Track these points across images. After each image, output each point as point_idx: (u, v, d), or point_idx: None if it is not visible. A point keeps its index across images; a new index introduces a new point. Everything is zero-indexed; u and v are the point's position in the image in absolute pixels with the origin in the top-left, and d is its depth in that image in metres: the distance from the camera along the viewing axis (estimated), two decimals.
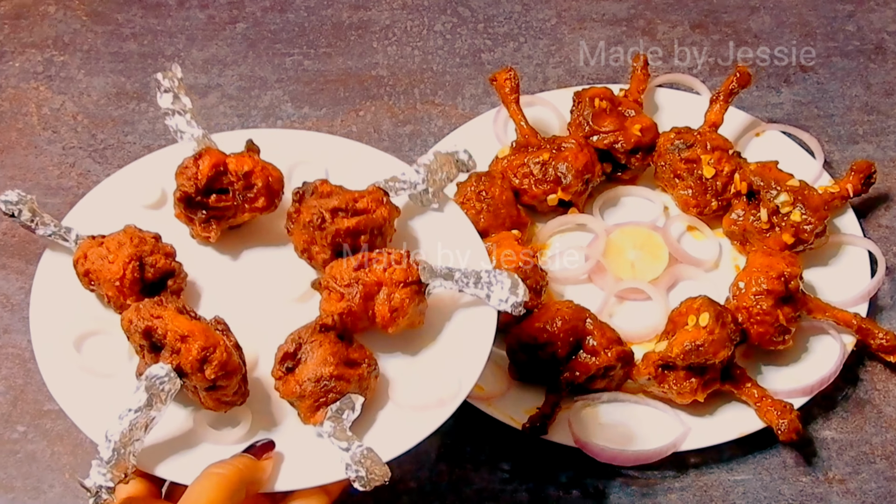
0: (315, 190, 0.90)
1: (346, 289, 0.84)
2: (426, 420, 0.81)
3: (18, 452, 1.04)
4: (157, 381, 0.76)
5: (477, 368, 0.83)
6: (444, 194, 0.94)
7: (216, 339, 0.77)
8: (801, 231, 1.09)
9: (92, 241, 0.86)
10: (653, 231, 1.15)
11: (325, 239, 0.87)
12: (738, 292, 1.04)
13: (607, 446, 0.99)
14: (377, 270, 0.84)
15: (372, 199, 0.89)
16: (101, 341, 0.84)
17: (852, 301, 1.09)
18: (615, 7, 1.41)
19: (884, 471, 1.01)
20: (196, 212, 0.89)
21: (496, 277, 0.85)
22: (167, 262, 0.86)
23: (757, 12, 1.40)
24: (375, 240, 0.88)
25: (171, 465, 0.78)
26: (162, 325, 0.77)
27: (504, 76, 1.21)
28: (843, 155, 1.25)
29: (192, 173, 0.88)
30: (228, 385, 0.78)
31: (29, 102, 1.32)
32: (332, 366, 0.79)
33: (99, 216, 0.90)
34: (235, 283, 0.90)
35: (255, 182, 0.89)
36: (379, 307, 0.84)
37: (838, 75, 1.33)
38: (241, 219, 0.90)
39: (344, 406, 0.79)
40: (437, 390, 0.82)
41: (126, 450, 0.74)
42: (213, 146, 0.92)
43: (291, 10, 1.42)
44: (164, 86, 0.94)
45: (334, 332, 0.82)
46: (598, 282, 1.12)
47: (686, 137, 1.16)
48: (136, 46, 1.38)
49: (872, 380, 1.07)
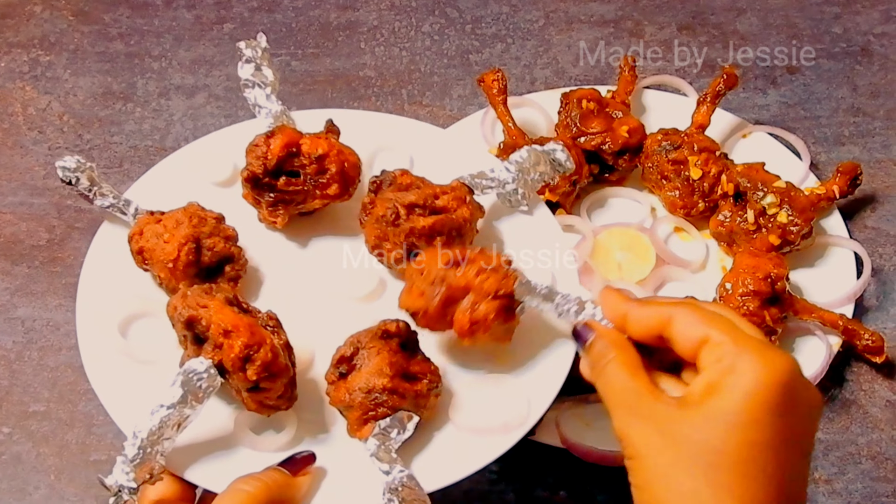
0: (394, 180, 0.83)
1: (429, 286, 0.75)
2: (486, 447, 0.74)
3: (3, 454, 1.04)
4: (194, 376, 0.70)
5: (550, 396, 0.76)
6: (536, 196, 0.87)
7: (262, 336, 0.71)
8: (787, 232, 1.09)
9: (150, 217, 0.81)
10: (640, 232, 1.15)
11: (397, 237, 0.80)
12: (725, 293, 1.04)
13: (595, 447, 0.99)
14: (469, 273, 0.75)
15: (454, 196, 0.82)
16: (149, 325, 0.79)
17: (838, 302, 1.09)
18: (603, 8, 1.41)
19: (869, 471, 1.02)
20: (263, 194, 0.83)
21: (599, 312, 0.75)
22: (226, 247, 0.81)
23: (744, 14, 1.40)
24: (453, 241, 0.80)
25: (203, 470, 0.72)
26: (206, 316, 0.70)
27: (492, 77, 1.20)
28: (829, 156, 1.25)
29: (262, 152, 0.82)
30: (272, 388, 0.72)
31: (14, 102, 1.32)
32: (386, 377, 0.72)
33: (165, 190, 0.85)
34: (300, 274, 0.84)
35: (329, 167, 0.82)
36: (459, 315, 0.75)
37: (825, 77, 1.33)
38: (311, 205, 0.84)
39: (394, 424, 0.72)
40: (503, 415, 0.75)
41: (154, 449, 0.68)
42: (290, 124, 0.85)
43: (279, 11, 1.42)
44: (246, 55, 0.89)
45: (397, 340, 0.75)
46: (585, 283, 1.12)
47: (673, 139, 1.16)
48: (122, 46, 1.38)
49: (858, 380, 1.08)
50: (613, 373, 0.68)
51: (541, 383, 0.78)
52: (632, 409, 0.66)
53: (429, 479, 0.71)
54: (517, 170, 0.86)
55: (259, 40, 0.90)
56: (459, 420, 0.76)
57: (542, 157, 0.87)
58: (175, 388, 0.70)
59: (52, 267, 1.16)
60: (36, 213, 1.21)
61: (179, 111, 1.30)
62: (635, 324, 0.70)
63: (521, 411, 0.76)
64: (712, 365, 0.64)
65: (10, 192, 1.23)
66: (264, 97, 0.88)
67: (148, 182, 0.86)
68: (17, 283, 1.15)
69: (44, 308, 1.13)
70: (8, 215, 1.21)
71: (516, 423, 0.75)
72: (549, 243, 0.85)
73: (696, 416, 0.63)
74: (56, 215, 1.20)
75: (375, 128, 0.90)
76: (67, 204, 1.21)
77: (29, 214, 1.21)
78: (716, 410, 0.63)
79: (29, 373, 1.08)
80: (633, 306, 0.70)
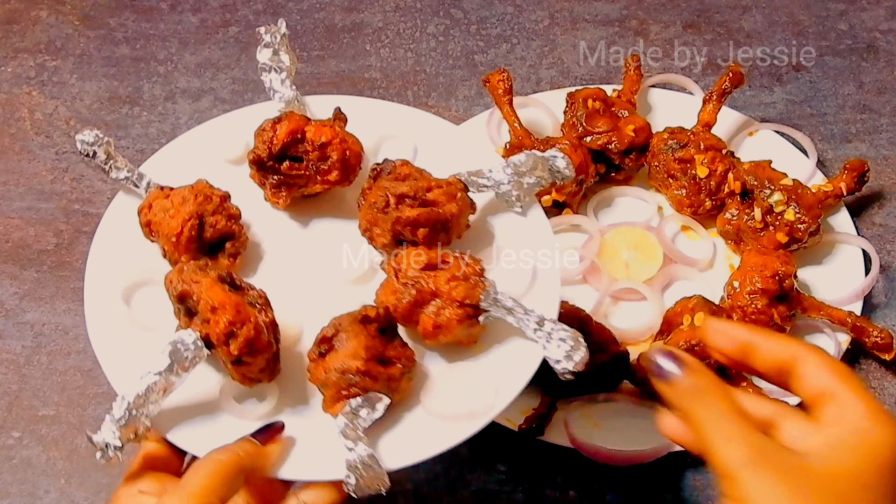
0: (393, 170, 0.86)
1: (401, 285, 0.80)
2: (451, 432, 0.77)
3: (14, 458, 1.04)
4: (181, 346, 0.74)
5: (517, 387, 0.79)
6: (533, 198, 0.89)
7: (247, 314, 0.75)
8: (794, 230, 1.09)
9: (160, 192, 0.85)
10: (647, 231, 1.15)
11: (386, 223, 0.84)
12: (733, 291, 1.04)
13: (603, 447, 0.99)
14: (440, 279, 0.79)
15: (445, 191, 0.84)
16: (152, 293, 0.82)
17: (846, 299, 1.09)
18: (608, 8, 1.41)
19: None
20: (268, 176, 0.87)
21: (558, 333, 0.78)
22: (228, 224, 0.85)
23: (749, 12, 1.40)
24: (438, 234, 0.83)
25: (186, 433, 0.77)
26: (197, 292, 0.75)
27: (497, 78, 1.21)
28: (836, 153, 1.25)
29: (269, 137, 0.85)
30: (254, 362, 0.76)
31: (21, 107, 1.32)
32: (361, 360, 0.76)
33: (180, 166, 0.88)
34: (298, 254, 0.87)
35: (331, 154, 0.86)
36: (425, 318, 0.80)
37: (831, 74, 1.33)
38: (312, 189, 0.87)
39: (364, 404, 0.76)
40: (470, 402, 0.78)
41: (140, 411, 0.73)
42: (301, 111, 0.89)
43: (284, 14, 1.42)
44: (266, 40, 0.92)
45: (376, 325, 0.78)
46: (592, 282, 1.12)
47: (679, 137, 1.16)
48: (128, 51, 1.38)
49: (867, 378, 1.08)
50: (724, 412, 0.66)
51: (509, 375, 0.80)
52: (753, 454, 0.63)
53: (392, 458, 0.76)
54: (514, 172, 0.87)
55: (279, 26, 0.93)
56: (429, 404, 0.79)
57: (542, 163, 0.88)
58: (164, 356, 0.74)
59: (60, 271, 1.16)
60: (44, 217, 1.21)
61: (185, 114, 1.31)
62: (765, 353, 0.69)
63: (488, 400, 0.78)
64: (841, 423, 0.64)
65: (17, 197, 1.23)
66: (279, 82, 0.91)
67: (163, 157, 0.90)
68: (26, 288, 1.15)
69: (52, 312, 1.13)
70: (16, 220, 1.21)
71: (482, 411, 0.78)
72: (536, 244, 0.87)
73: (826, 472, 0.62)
74: (64, 220, 1.20)
75: (384, 116, 0.93)
76: (75, 208, 1.21)
77: (37, 219, 1.21)
78: (847, 471, 0.62)
79: (38, 377, 1.09)
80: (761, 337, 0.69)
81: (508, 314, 0.80)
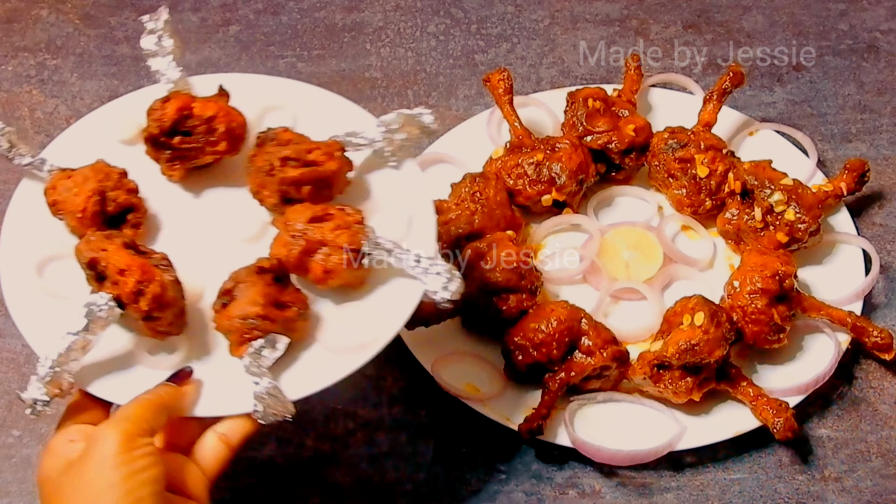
0: (276, 137, 0.93)
1: (291, 237, 0.88)
2: (346, 362, 0.86)
3: (14, 457, 1.04)
4: (95, 307, 0.82)
5: (400, 321, 0.87)
6: (407, 153, 0.96)
7: (152, 273, 0.83)
8: (795, 230, 1.09)
9: (62, 174, 0.92)
10: (647, 231, 1.15)
11: (273, 185, 0.91)
12: (733, 291, 1.04)
13: (603, 446, 1.00)
14: (326, 229, 0.88)
15: (324, 151, 0.92)
16: (63, 266, 0.89)
17: (847, 299, 1.09)
18: (608, 7, 1.41)
19: (879, 468, 1.02)
20: (161, 151, 0.94)
21: (435, 268, 0.87)
22: (128, 198, 0.92)
23: (749, 12, 1.40)
24: (322, 191, 0.92)
25: (105, 384, 0.84)
26: (104, 258, 0.83)
27: (497, 77, 1.21)
28: (836, 153, 1.25)
29: (159, 115, 0.92)
30: (163, 316, 0.84)
31: (22, 106, 1.32)
32: (259, 306, 0.84)
33: (79, 149, 0.95)
34: (196, 220, 0.95)
35: (218, 126, 0.93)
36: (315, 265, 0.88)
37: (831, 74, 1.33)
38: (204, 160, 0.94)
39: (266, 344, 0.84)
40: (360, 335, 0.87)
41: (62, 368, 0.81)
42: (188, 89, 0.96)
43: (284, 13, 1.42)
44: (149, 27, 0.99)
45: (271, 274, 0.86)
46: (592, 282, 1.13)
47: (680, 137, 1.16)
48: (128, 50, 1.38)
49: (867, 378, 1.08)
50: None
51: (394, 309, 0.88)
52: None
53: (296, 390, 0.84)
54: (386, 130, 0.95)
55: (161, 12, 0.99)
56: (324, 340, 0.88)
57: (410, 120, 0.96)
58: (80, 318, 0.82)
59: None
60: None
61: None
62: None
63: (377, 332, 0.87)
64: None
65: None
66: (165, 64, 0.98)
67: (62, 143, 0.97)
68: None
69: None
70: None
71: (371, 342, 0.86)
72: (411, 194, 0.94)
73: None
74: None
75: (265, 90, 1.00)
76: None
77: None
78: None
79: None
80: None
81: (389, 255, 0.88)
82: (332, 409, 1.06)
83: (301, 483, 1.02)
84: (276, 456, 1.03)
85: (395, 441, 1.04)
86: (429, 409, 1.06)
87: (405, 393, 1.08)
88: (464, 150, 1.22)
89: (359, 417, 1.06)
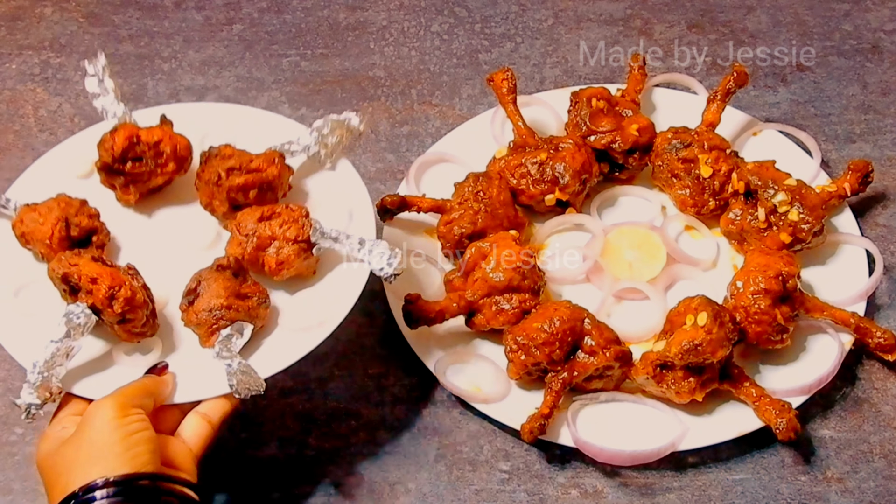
0: (219, 153, 1.02)
1: (244, 237, 0.97)
2: (308, 339, 0.95)
3: (16, 454, 1.04)
4: (73, 316, 0.90)
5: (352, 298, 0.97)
6: (340, 154, 1.07)
7: (122, 279, 0.92)
8: (798, 230, 1.09)
9: (27, 208, 1.00)
10: (650, 231, 1.15)
11: (221, 194, 1.01)
12: (736, 291, 1.04)
13: (606, 446, 1.00)
14: (274, 225, 0.97)
15: (265, 159, 1.02)
16: (36, 289, 0.99)
17: (850, 300, 1.09)
18: (612, 7, 1.41)
19: (882, 469, 1.02)
20: (116, 178, 1.03)
21: (377, 248, 0.97)
22: (90, 222, 1.00)
23: (753, 12, 1.40)
24: (266, 195, 1.02)
25: (88, 385, 0.92)
26: (76, 271, 0.91)
27: (501, 76, 1.21)
28: (840, 154, 1.25)
29: (109, 145, 1.01)
30: (136, 318, 0.93)
31: (26, 104, 1.32)
32: (223, 298, 0.93)
33: (38, 187, 1.04)
34: (154, 237, 1.05)
35: (164, 149, 1.02)
36: (268, 258, 0.97)
37: (835, 74, 1.33)
38: (156, 182, 1.04)
39: (233, 331, 0.93)
40: (318, 315, 0.96)
41: (50, 373, 0.90)
42: (131, 121, 1.05)
43: (288, 12, 1.42)
44: (90, 72, 1.07)
45: (230, 271, 0.96)
46: (595, 282, 1.12)
47: (683, 137, 1.16)
48: (132, 48, 1.38)
49: (870, 379, 1.07)
50: None
51: (346, 289, 0.98)
52: None
53: (265, 368, 0.92)
54: (318, 135, 1.05)
55: (99, 57, 1.08)
56: (285, 323, 0.97)
57: (339, 124, 1.06)
58: (61, 327, 0.90)
59: None
60: None
61: None
62: None
63: (332, 310, 0.96)
64: None
65: None
66: (109, 102, 1.07)
67: (23, 182, 1.06)
68: None
69: None
70: None
71: (329, 319, 0.96)
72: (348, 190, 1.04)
73: None
74: None
75: (204, 116, 1.10)
76: None
77: None
78: None
79: None
80: None
81: (335, 242, 0.98)
82: (334, 409, 1.06)
83: (303, 482, 1.02)
84: (279, 455, 1.03)
85: (398, 440, 1.04)
86: (431, 409, 1.06)
87: (408, 392, 1.08)
88: (467, 149, 1.22)
89: (361, 417, 1.06)
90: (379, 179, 1.24)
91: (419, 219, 1.16)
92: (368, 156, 1.26)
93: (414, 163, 1.21)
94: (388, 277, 0.97)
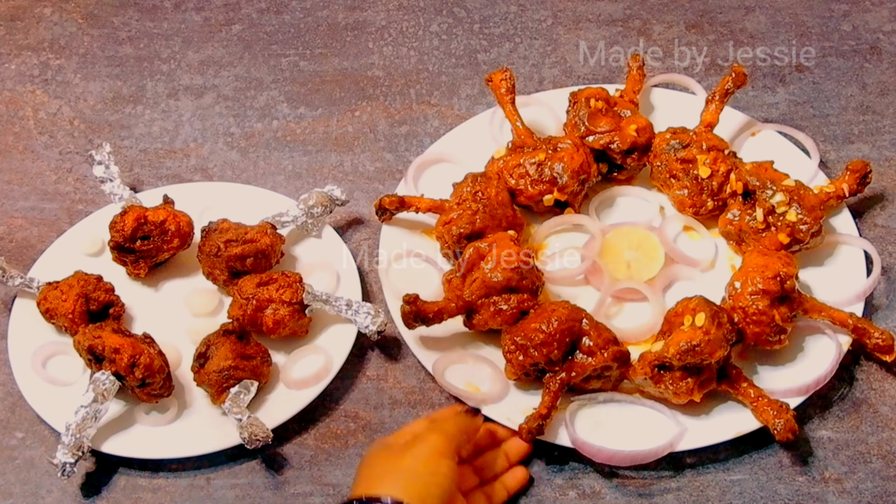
0: (217, 227, 1.13)
1: (244, 300, 1.08)
2: (307, 393, 1.05)
3: (17, 458, 1.04)
4: (100, 383, 1.01)
5: (344, 354, 1.08)
6: (324, 222, 1.17)
7: (141, 349, 1.02)
8: (796, 231, 1.09)
9: (49, 286, 1.10)
10: (649, 231, 1.15)
11: (221, 263, 1.11)
12: (734, 292, 1.04)
13: (604, 447, 1.00)
14: (271, 289, 1.08)
15: (258, 230, 1.12)
16: (62, 360, 1.09)
17: (848, 301, 1.09)
18: (610, 7, 1.41)
19: (880, 470, 1.02)
20: (127, 256, 1.13)
21: (363, 309, 1.08)
22: (107, 296, 1.10)
23: (752, 12, 1.40)
24: (261, 262, 1.11)
25: (114, 443, 1.02)
26: (100, 343, 1.01)
27: (500, 77, 1.21)
28: (838, 154, 1.25)
29: (120, 227, 1.11)
30: (154, 382, 1.02)
31: (25, 106, 1.32)
32: (230, 359, 1.03)
33: (57, 266, 1.14)
34: (163, 306, 1.14)
35: (169, 227, 1.13)
36: (266, 318, 1.07)
37: (834, 75, 1.33)
38: (163, 257, 1.14)
39: (241, 389, 1.02)
40: (314, 370, 1.06)
41: (81, 435, 0.99)
42: (137, 203, 1.16)
43: (287, 12, 1.42)
44: (97, 159, 1.18)
45: (235, 334, 1.05)
46: (594, 282, 1.13)
47: (682, 137, 1.16)
48: (132, 50, 1.38)
49: (868, 379, 1.08)
50: None
51: (337, 346, 1.08)
52: None
53: (271, 420, 1.03)
54: (304, 206, 1.16)
55: (104, 146, 1.18)
56: (286, 379, 1.07)
57: (323, 196, 1.16)
58: (88, 394, 1.00)
59: None
60: (47, 217, 1.22)
61: (188, 112, 1.31)
62: None
63: (327, 365, 1.07)
64: None
65: (21, 197, 1.23)
66: (116, 186, 1.17)
67: (43, 263, 1.16)
68: None
69: None
70: (19, 220, 1.22)
71: (324, 373, 1.06)
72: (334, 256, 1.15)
73: None
74: (67, 220, 1.21)
75: (201, 194, 1.20)
76: (78, 209, 1.22)
77: (40, 219, 1.21)
78: None
79: None
80: None
81: (325, 304, 1.08)
82: (333, 410, 1.07)
83: (302, 482, 1.02)
84: (278, 455, 1.04)
85: None
86: (430, 411, 1.06)
87: (406, 394, 1.08)
88: (465, 149, 1.22)
89: (360, 418, 1.06)
90: (377, 179, 1.24)
91: (418, 219, 1.16)
92: (367, 155, 1.26)
93: (412, 163, 1.21)
94: (372, 334, 1.07)
